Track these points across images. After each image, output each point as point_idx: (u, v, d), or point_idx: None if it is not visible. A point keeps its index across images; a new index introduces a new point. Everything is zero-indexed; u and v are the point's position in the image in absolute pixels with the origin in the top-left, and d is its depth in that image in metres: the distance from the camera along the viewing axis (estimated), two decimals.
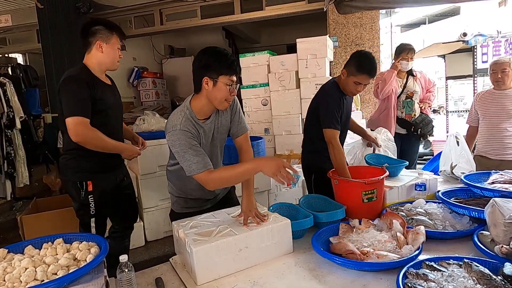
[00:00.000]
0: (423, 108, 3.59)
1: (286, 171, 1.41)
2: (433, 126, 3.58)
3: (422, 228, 1.48)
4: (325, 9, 4.49)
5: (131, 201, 2.40)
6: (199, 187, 1.63)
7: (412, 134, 3.49)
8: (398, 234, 1.49)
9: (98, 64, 2.09)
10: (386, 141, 2.68)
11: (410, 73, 3.52)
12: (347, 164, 2.17)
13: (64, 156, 2.10)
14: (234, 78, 1.60)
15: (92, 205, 2.06)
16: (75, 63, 6.35)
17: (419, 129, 3.45)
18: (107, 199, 2.16)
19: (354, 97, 4.46)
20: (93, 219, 2.08)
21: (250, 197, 1.67)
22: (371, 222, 1.65)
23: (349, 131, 2.60)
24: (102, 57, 2.07)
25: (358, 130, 2.64)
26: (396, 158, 2.62)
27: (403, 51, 3.37)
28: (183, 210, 1.84)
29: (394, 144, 2.74)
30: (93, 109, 1.98)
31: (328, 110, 2.21)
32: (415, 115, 3.50)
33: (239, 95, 3.89)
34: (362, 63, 2.11)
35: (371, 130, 2.89)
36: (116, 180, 2.22)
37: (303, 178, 3.46)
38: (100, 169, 2.09)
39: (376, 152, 2.56)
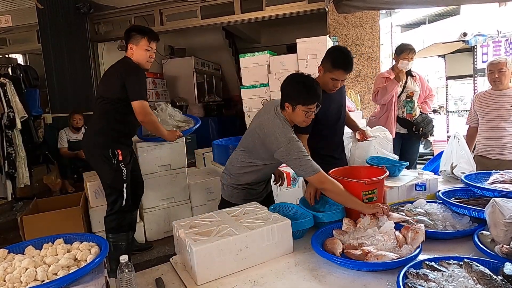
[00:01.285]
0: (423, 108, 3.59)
1: (381, 210, 1.67)
2: (433, 126, 3.58)
3: (422, 226, 1.48)
4: (326, 9, 4.49)
5: (137, 178, 2.82)
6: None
7: (414, 134, 3.49)
8: (397, 233, 1.50)
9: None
10: (383, 139, 2.64)
11: (409, 73, 3.51)
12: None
13: (91, 135, 2.54)
14: (311, 106, 1.83)
15: (124, 170, 2.46)
16: (75, 63, 6.41)
17: (421, 129, 3.45)
18: (129, 170, 2.55)
19: (354, 97, 4.49)
20: (125, 185, 2.47)
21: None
22: (375, 217, 1.66)
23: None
24: (134, 57, 2.47)
25: (351, 125, 2.61)
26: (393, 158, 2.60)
27: (404, 51, 3.37)
28: (232, 200, 2.06)
29: (392, 145, 2.70)
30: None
31: None
32: (415, 114, 3.50)
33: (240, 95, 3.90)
34: (338, 59, 2.10)
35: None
36: (132, 156, 2.63)
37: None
38: (125, 143, 2.56)
39: (368, 142, 2.48)
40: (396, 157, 2.57)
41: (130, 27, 2.57)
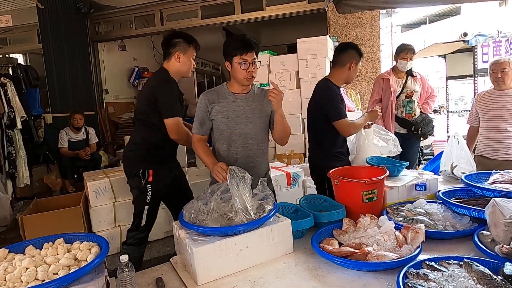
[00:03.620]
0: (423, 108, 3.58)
1: (219, 171, 1.75)
2: (433, 126, 3.57)
3: (422, 226, 1.48)
4: (326, 9, 4.48)
5: (186, 192, 2.56)
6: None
7: (413, 134, 3.49)
8: (397, 233, 1.50)
9: (176, 72, 2.34)
10: (383, 134, 2.68)
11: (409, 73, 3.51)
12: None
13: (129, 149, 2.43)
14: (247, 57, 1.84)
15: (149, 193, 2.32)
16: (75, 63, 6.39)
17: (419, 129, 3.45)
18: (163, 190, 2.40)
19: (354, 97, 4.49)
20: (146, 207, 2.33)
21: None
22: (375, 217, 1.66)
23: None
24: (180, 66, 2.33)
25: None
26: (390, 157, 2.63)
27: (403, 51, 3.37)
28: None
29: (395, 142, 2.72)
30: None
31: (333, 102, 2.32)
32: (415, 114, 3.49)
33: None
34: (360, 50, 2.39)
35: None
36: (172, 172, 2.46)
37: (304, 178, 3.47)
38: (160, 160, 2.35)
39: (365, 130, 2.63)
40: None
41: (172, 33, 2.36)
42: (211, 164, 1.85)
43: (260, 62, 1.94)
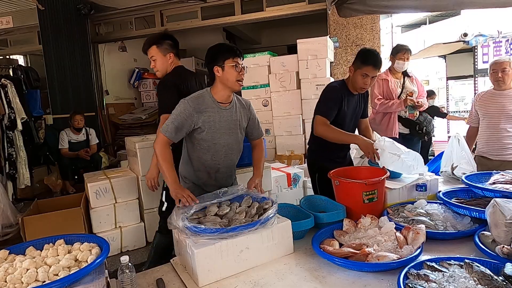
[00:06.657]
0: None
1: (185, 198, 1.68)
2: (433, 125, 3.58)
3: (422, 227, 1.48)
4: (328, 11, 4.48)
5: None
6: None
7: (416, 133, 3.49)
8: (398, 234, 1.49)
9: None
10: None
11: (405, 73, 3.50)
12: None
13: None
14: (239, 60, 1.84)
15: None
16: (75, 64, 6.37)
17: (424, 127, 3.46)
18: None
19: None
20: None
21: (258, 176, 2.01)
22: (376, 218, 1.66)
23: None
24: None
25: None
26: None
27: (400, 51, 3.37)
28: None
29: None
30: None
31: (322, 100, 2.33)
32: (417, 114, 3.50)
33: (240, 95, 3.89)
34: (367, 56, 2.22)
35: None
36: None
37: (304, 178, 3.47)
38: None
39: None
40: None
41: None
42: (176, 185, 1.76)
43: (246, 67, 1.91)
